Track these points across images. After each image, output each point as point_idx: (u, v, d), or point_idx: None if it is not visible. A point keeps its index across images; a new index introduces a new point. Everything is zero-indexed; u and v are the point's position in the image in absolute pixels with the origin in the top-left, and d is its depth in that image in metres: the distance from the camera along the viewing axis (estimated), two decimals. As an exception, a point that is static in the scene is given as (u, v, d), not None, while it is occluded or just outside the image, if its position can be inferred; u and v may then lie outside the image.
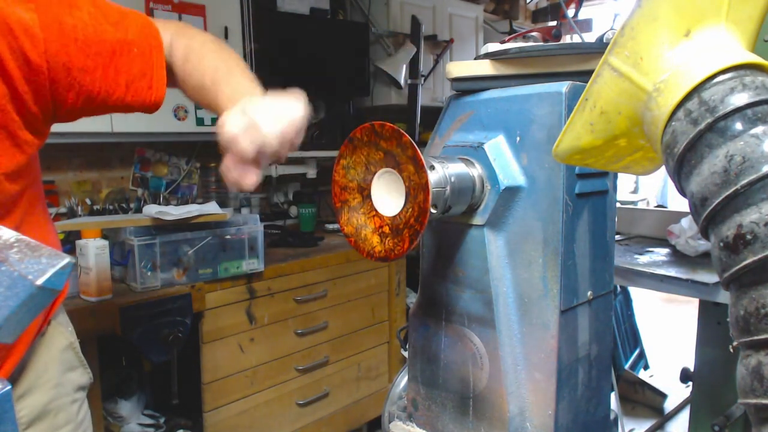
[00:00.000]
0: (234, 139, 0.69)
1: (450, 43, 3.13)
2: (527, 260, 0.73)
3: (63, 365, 0.88)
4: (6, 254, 0.43)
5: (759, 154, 0.37)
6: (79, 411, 0.91)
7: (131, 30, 0.78)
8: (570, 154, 0.52)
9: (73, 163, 2.12)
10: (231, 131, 0.70)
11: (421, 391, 0.84)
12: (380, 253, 0.63)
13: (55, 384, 0.85)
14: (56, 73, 0.71)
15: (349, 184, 0.66)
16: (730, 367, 0.39)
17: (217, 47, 0.86)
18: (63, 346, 0.88)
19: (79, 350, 0.92)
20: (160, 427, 1.95)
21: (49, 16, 0.69)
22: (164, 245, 1.75)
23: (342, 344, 2.28)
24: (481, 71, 0.78)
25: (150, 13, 2.00)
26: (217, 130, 0.72)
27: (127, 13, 0.79)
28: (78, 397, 0.91)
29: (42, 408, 0.83)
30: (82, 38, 0.72)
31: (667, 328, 3.96)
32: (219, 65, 0.82)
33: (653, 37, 0.44)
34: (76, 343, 0.91)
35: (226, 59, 0.84)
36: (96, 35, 0.73)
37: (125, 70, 0.77)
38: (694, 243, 1.62)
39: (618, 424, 0.94)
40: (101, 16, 0.75)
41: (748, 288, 0.37)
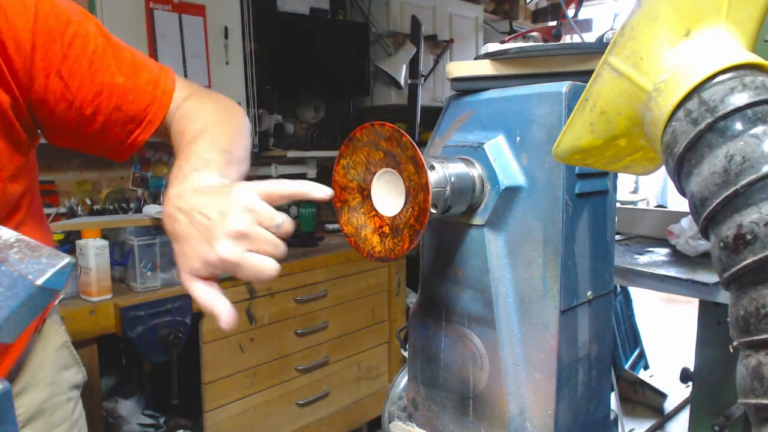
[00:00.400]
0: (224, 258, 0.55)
1: (450, 43, 3.13)
2: (527, 260, 0.73)
3: (58, 364, 0.88)
4: (6, 254, 0.43)
5: (759, 154, 0.37)
6: (74, 409, 0.91)
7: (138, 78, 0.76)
8: (570, 154, 0.52)
9: (73, 163, 2.12)
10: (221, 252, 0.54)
11: (421, 391, 0.84)
12: (380, 253, 0.63)
13: (50, 382, 0.86)
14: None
15: (349, 184, 0.66)
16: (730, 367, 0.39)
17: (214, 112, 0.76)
18: (58, 344, 0.89)
19: (73, 349, 0.92)
20: (160, 427, 1.95)
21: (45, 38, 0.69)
22: (164, 245, 1.75)
23: (342, 344, 2.28)
24: (481, 71, 0.78)
25: (150, 14, 2.00)
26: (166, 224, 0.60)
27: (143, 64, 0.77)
28: (73, 396, 0.91)
29: (38, 406, 0.83)
30: (68, 73, 0.71)
31: (667, 328, 3.96)
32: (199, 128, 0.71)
33: (653, 37, 0.44)
34: (69, 342, 0.92)
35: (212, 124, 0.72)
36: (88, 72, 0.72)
37: (105, 110, 0.74)
38: (694, 243, 1.62)
39: (618, 424, 0.94)
40: (109, 58, 0.74)
41: (748, 288, 0.37)
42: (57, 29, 0.70)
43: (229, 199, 0.56)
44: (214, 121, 0.72)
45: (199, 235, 0.56)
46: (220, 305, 0.57)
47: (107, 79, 0.74)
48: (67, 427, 0.88)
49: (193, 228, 0.56)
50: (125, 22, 1.95)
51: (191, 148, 0.67)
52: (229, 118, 0.75)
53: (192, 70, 2.13)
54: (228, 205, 0.56)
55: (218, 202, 0.56)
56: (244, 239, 0.55)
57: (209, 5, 2.15)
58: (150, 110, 0.77)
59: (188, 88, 0.81)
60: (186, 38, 2.10)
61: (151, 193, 2.30)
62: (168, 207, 0.60)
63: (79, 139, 0.78)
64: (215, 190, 0.59)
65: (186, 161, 0.64)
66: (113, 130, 0.77)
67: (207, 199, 0.57)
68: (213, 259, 0.55)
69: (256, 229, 0.56)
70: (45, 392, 0.85)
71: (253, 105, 2.37)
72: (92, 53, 0.73)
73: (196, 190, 0.59)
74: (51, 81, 0.70)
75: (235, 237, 0.55)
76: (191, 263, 0.57)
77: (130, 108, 0.76)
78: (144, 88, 0.77)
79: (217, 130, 0.70)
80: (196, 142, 0.68)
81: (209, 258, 0.55)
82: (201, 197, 0.58)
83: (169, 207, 0.59)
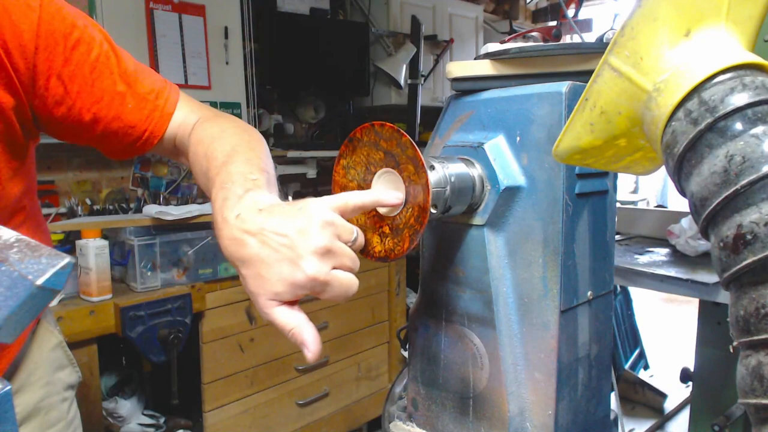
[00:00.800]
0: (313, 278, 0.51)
1: (450, 43, 3.13)
2: (527, 260, 0.73)
3: (53, 364, 0.88)
4: (6, 254, 0.43)
5: (759, 154, 0.37)
6: (69, 409, 0.91)
7: (140, 86, 0.75)
8: (570, 154, 0.52)
9: (73, 163, 2.12)
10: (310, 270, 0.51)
11: (421, 391, 0.84)
12: (380, 253, 0.63)
13: (45, 383, 0.86)
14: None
15: (349, 184, 0.66)
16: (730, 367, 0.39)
17: (237, 133, 0.72)
18: (52, 345, 0.89)
19: (67, 349, 0.93)
20: (160, 427, 1.95)
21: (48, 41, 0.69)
22: (164, 245, 1.75)
23: (342, 344, 2.28)
24: (481, 71, 0.78)
25: (150, 14, 2.00)
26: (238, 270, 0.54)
27: (146, 75, 0.77)
28: (68, 396, 0.91)
29: (33, 406, 0.84)
30: (68, 77, 0.71)
31: (667, 328, 3.96)
32: (228, 150, 0.67)
33: (653, 37, 0.44)
34: (64, 342, 0.92)
35: (240, 145, 0.68)
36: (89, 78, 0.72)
37: (104, 118, 0.74)
38: (694, 243, 1.62)
39: (618, 424, 0.94)
40: (112, 65, 0.74)
41: (748, 288, 0.37)
42: (60, 32, 0.70)
43: (306, 215, 0.52)
44: (242, 142, 0.69)
45: (278, 256, 0.51)
46: (309, 334, 0.53)
47: (108, 87, 0.74)
48: (62, 427, 0.88)
49: (269, 249, 0.51)
50: (125, 22, 1.95)
51: (229, 169, 0.62)
52: (253, 139, 0.71)
53: (192, 70, 2.13)
54: (306, 221, 0.52)
55: (294, 220, 0.52)
56: (329, 255, 0.52)
57: (209, 5, 2.15)
58: (151, 120, 0.76)
59: (203, 109, 0.79)
60: (186, 38, 2.10)
61: (151, 193, 2.30)
62: (230, 231, 0.54)
63: (84, 142, 0.78)
64: (285, 208, 0.54)
65: (232, 183, 0.59)
66: (113, 140, 0.76)
67: (278, 218, 0.53)
68: (300, 279, 0.51)
69: (339, 245, 0.53)
70: (40, 392, 0.85)
71: (253, 105, 2.37)
72: (94, 59, 0.73)
73: (261, 210, 0.54)
74: (51, 84, 0.70)
75: (322, 253, 0.51)
76: (273, 287, 0.52)
77: (130, 117, 0.75)
78: (145, 98, 0.75)
79: (249, 151, 0.67)
80: (233, 163, 0.64)
81: (296, 279, 0.51)
82: (271, 217, 0.53)
83: (232, 231, 0.54)
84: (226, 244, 0.55)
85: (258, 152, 0.67)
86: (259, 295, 0.53)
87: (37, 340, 0.86)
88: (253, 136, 0.73)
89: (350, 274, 0.54)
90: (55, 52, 0.70)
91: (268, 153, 0.70)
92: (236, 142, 0.69)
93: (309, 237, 0.51)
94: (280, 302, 0.53)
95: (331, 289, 0.52)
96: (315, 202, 0.54)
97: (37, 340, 0.86)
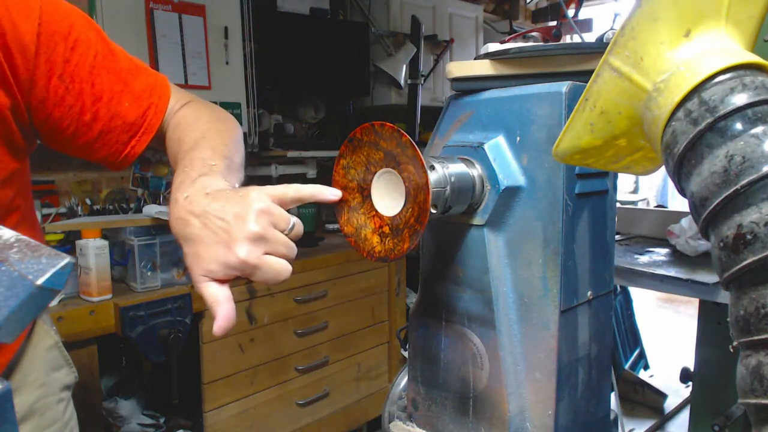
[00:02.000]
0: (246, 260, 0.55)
1: (450, 43, 3.13)
2: (527, 260, 0.73)
3: (49, 364, 0.88)
4: (6, 254, 0.43)
5: (759, 154, 0.37)
6: (66, 410, 0.91)
7: (136, 83, 0.76)
8: (570, 154, 0.52)
9: (73, 163, 2.12)
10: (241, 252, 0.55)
11: (421, 391, 0.84)
12: (380, 253, 0.63)
13: (41, 383, 0.86)
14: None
15: (349, 184, 0.66)
16: (730, 367, 0.39)
17: (211, 121, 0.76)
18: (48, 345, 0.88)
19: (64, 349, 0.92)
20: (160, 427, 1.95)
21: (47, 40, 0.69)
22: (164, 245, 1.75)
23: (342, 344, 2.28)
24: (481, 71, 0.78)
25: (150, 13, 2.00)
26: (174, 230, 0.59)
27: (140, 70, 0.78)
28: (64, 396, 0.91)
29: (29, 407, 0.83)
30: (69, 77, 0.71)
31: (667, 328, 3.96)
32: (197, 136, 0.71)
33: (653, 37, 0.44)
34: (60, 343, 0.92)
35: (210, 132, 0.73)
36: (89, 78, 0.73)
37: (103, 117, 0.75)
38: (694, 243, 1.62)
39: (618, 424, 0.94)
40: (109, 63, 0.75)
41: (748, 288, 0.37)
42: (60, 32, 0.70)
43: (244, 202, 0.56)
44: (212, 129, 0.73)
45: (215, 237, 0.56)
46: (223, 309, 0.57)
47: (106, 86, 0.74)
48: (58, 428, 0.87)
49: (208, 231, 0.56)
50: (125, 22, 1.95)
51: (194, 154, 0.67)
52: (225, 127, 0.75)
53: (192, 70, 2.13)
54: (244, 208, 0.56)
55: (233, 206, 0.56)
56: (262, 241, 0.56)
57: (209, 5, 2.15)
58: (147, 116, 0.77)
59: (184, 97, 0.81)
60: (186, 38, 2.10)
61: (151, 193, 2.30)
62: (178, 211, 0.59)
63: (76, 147, 0.77)
64: (228, 194, 0.59)
65: (191, 167, 0.64)
66: (110, 139, 0.76)
67: (221, 202, 0.57)
68: (232, 261, 0.55)
69: (273, 232, 0.56)
70: (36, 393, 0.84)
71: (253, 105, 2.37)
72: (93, 59, 0.73)
73: (208, 194, 0.59)
74: (52, 84, 0.70)
75: (254, 239, 0.55)
76: (207, 265, 0.56)
77: (128, 114, 0.76)
78: (141, 95, 0.77)
79: (216, 138, 0.71)
80: (198, 148, 0.68)
81: (228, 260, 0.55)
82: (214, 201, 0.58)
83: (180, 211, 0.59)
84: (173, 223, 0.60)
85: (225, 139, 0.71)
86: (194, 270, 0.57)
87: (32, 341, 0.86)
88: (227, 124, 0.76)
89: (283, 260, 0.57)
90: (55, 53, 0.70)
91: (239, 141, 0.75)
92: (206, 129, 0.73)
93: (244, 223, 0.55)
94: (212, 279, 0.57)
95: (261, 273, 0.56)
96: (255, 191, 0.58)
97: (32, 340, 0.86)
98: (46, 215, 2.01)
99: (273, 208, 0.57)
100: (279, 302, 2.02)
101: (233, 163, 0.68)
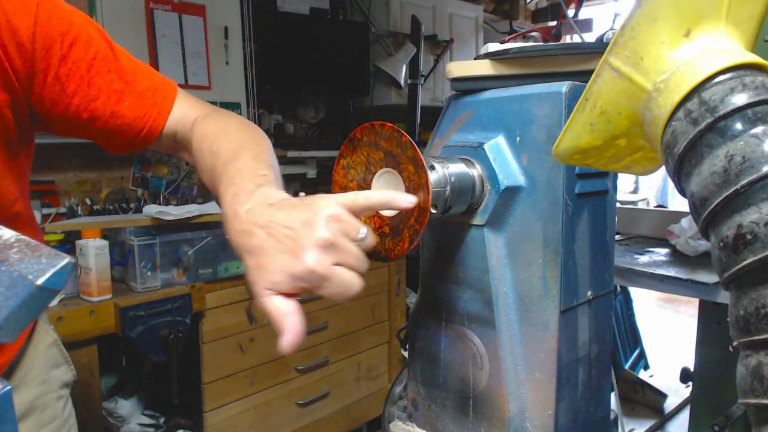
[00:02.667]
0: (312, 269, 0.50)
1: (450, 43, 3.13)
2: (527, 260, 0.73)
3: (48, 362, 0.88)
4: (6, 254, 0.43)
5: (759, 154, 0.37)
6: (65, 407, 0.91)
7: (137, 84, 0.76)
8: (570, 154, 0.52)
9: (73, 163, 2.12)
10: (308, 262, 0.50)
11: (421, 391, 0.84)
12: (380, 253, 0.63)
13: (41, 381, 0.86)
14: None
15: (349, 184, 0.66)
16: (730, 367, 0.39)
17: (241, 129, 0.72)
18: (48, 343, 0.89)
19: (62, 347, 0.93)
20: (160, 427, 1.95)
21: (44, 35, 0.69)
22: (164, 245, 1.75)
23: (342, 344, 2.28)
24: (481, 71, 0.78)
25: (150, 13, 2.00)
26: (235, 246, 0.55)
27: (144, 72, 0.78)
28: (63, 394, 0.91)
29: (29, 404, 0.84)
30: (65, 76, 0.71)
31: (667, 328, 3.96)
32: (234, 146, 0.67)
33: (653, 37, 0.44)
34: (59, 341, 0.92)
35: (245, 141, 0.69)
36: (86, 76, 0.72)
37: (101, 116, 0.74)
38: (694, 243, 1.62)
39: (618, 424, 0.94)
40: (109, 63, 0.74)
41: (748, 288, 0.37)
42: (57, 30, 0.70)
43: (313, 209, 0.52)
44: (246, 138, 0.69)
45: (281, 246, 0.51)
46: (292, 322, 0.52)
47: (105, 85, 0.74)
48: (57, 425, 0.88)
49: (274, 240, 0.52)
50: (125, 22, 1.95)
51: (239, 165, 0.63)
52: (256, 135, 0.72)
53: (192, 70, 2.13)
54: (312, 215, 0.52)
55: (301, 213, 0.52)
56: (332, 249, 0.51)
57: (209, 5, 2.15)
58: (149, 117, 0.76)
59: (202, 105, 0.79)
60: (186, 38, 2.10)
61: (151, 193, 2.30)
62: (240, 224, 0.55)
63: (82, 136, 0.78)
64: (294, 202, 0.55)
65: (241, 178, 0.60)
66: (111, 136, 0.77)
67: (287, 211, 0.53)
68: (299, 270, 0.50)
69: (343, 241, 0.52)
70: (36, 390, 0.85)
71: (253, 105, 2.37)
72: (92, 58, 0.73)
73: (272, 204, 0.55)
74: (48, 82, 0.71)
75: (324, 246, 0.50)
76: (271, 277, 0.51)
77: (127, 115, 0.75)
78: (143, 95, 0.76)
79: (255, 147, 0.67)
80: (240, 158, 0.64)
81: (295, 269, 0.50)
82: (280, 210, 0.54)
83: (243, 223, 0.54)
84: (236, 237, 0.55)
85: (263, 148, 0.68)
86: (257, 284, 0.52)
87: (32, 339, 0.86)
88: (255, 131, 0.73)
89: (353, 273, 0.52)
90: (52, 51, 0.70)
91: (272, 148, 0.71)
92: (241, 138, 0.69)
93: (313, 229, 0.51)
94: (277, 292, 0.52)
95: (330, 285, 0.51)
96: (324, 198, 0.54)
97: (32, 338, 0.86)
98: (46, 215, 2.01)
99: (343, 216, 0.53)
100: (279, 302, 2.02)
101: (277, 172, 0.65)
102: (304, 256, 0.50)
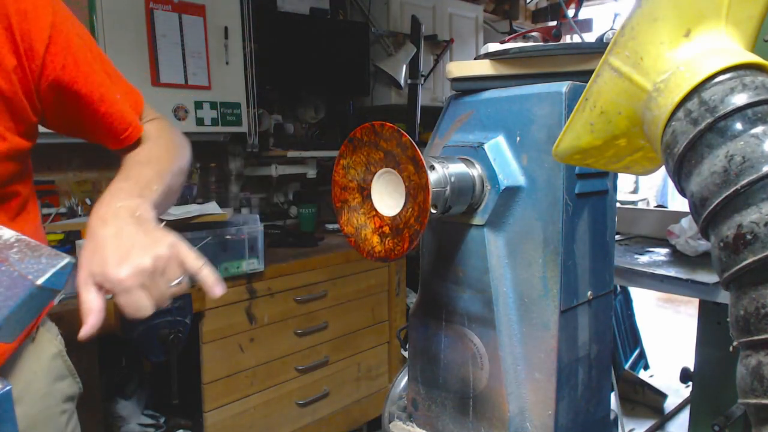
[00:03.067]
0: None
1: (450, 43, 3.13)
2: (527, 260, 0.73)
3: (52, 374, 0.85)
4: (6, 254, 0.43)
5: (759, 154, 0.37)
6: (68, 423, 0.88)
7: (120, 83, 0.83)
8: (570, 154, 0.52)
9: (73, 163, 2.12)
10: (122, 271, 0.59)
11: (421, 391, 0.84)
12: (380, 253, 0.63)
13: (43, 394, 0.83)
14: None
15: (349, 184, 0.66)
16: (730, 367, 0.39)
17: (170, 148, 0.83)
18: (52, 354, 0.86)
19: (68, 359, 0.90)
20: (160, 427, 1.95)
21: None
22: (164, 245, 1.75)
23: (342, 344, 2.28)
24: (481, 71, 0.78)
25: (150, 13, 2.00)
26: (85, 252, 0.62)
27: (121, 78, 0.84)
28: (67, 408, 0.88)
29: (30, 419, 0.81)
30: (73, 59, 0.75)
31: (667, 328, 3.96)
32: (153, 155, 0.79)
33: (653, 37, 0.44)
34: (64, 352, 0.89)
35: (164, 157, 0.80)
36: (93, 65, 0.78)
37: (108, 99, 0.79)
38: (694, 243, 1.62)
39: (618, 424, 0.94)
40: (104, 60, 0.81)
41: (748, 288, 0.37)
42: (69, 15, 0.75)
43: (159, 240, 0.61)
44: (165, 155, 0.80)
45: (116, 249, 0.59)
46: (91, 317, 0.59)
47: (104, 79, 0.79)
48: None
49: (116, 241, 0.60)
50: (125, 22, 1.95)
51: (144, 171, 0.74)
52: (177, 154, 0.82)
53: (192, 70, 2.13)
54: (152, 244, 0.60)
55: (147, 236, 0.61)
56: (146, 275, 0.59)
57: (209, 5, 2.15)
58: (134, 115, 0.83)
59: (152, 113, 0.88)
60: (186, 38, 2.10)
61: (151, 193, 2.30)
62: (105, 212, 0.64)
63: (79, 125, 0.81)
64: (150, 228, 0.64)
65: (136, 182, 0.71)
66: (112, 121, 0.80)
67: (140, 228, 0.62)
68: (112, 274, 0.58)
69: (159, 276, 0.60)
70: (38, 405, 0.82)
71: (253, 105, 2.37)
72: (92, 44, 0.79)
73: (137, 216, 0.64)
74: (67, 62, 0.74)
75: (142, 269, 0.59)
76: (93, 267, 0.59)
77: (123, 106, 0.81)
78: (128, 92, 0.83)
79: (166, 163, 0.78)
80: (149, 167, 0.75)
81: (109, 271, 0.58)
82: (137, 224, 0.63)
83: (106, 213, 0.63)
84: (94, 219, 0.64)
85: (173, 166, 0.79)
86: (83, 267, 0.60)
87: (35, 349, 0.83)
88: (180, 152, 0.84)
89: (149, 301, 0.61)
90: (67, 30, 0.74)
91: (185, 171, 0.83)
92: (161, 153, 0.81)
93: (144, 254, 0.59)
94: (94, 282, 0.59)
95: (127, 298, 0.59)
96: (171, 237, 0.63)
97: (35, 348, 0.83)
98: (46, 215, 2.01)
99: (173, 260, 0.61)
100: (279, 302, 2.02)
101: (170, 193, 0.76)
102: (123, 265, 0.59)
